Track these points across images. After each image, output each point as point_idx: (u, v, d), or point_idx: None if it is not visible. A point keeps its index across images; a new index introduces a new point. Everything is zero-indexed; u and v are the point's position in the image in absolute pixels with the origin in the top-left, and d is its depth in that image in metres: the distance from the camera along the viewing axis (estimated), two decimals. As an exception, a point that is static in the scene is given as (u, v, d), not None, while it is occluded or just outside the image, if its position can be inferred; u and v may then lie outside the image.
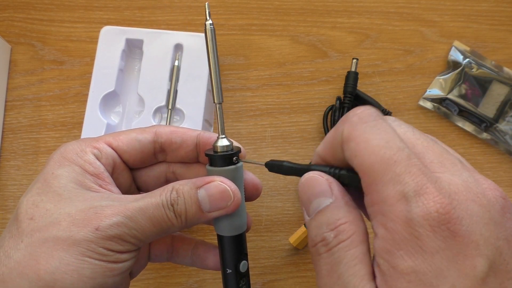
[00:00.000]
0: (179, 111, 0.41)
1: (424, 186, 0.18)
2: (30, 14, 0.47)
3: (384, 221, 0.19)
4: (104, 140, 0.28)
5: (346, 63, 0.46)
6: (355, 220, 0.21)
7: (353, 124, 0.20)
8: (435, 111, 0.46)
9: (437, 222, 0.18)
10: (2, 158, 0.44)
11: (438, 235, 0.18)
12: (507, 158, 0.45)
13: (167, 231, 0.25)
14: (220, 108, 0.27)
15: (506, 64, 0.46)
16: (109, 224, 0.23)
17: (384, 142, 0.19)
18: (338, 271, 0.20)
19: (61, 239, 0.23)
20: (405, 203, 0.18)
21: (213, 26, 0.26)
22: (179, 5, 0.47)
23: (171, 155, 0.29)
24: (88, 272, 0.23)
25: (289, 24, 0.47)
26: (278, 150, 0.45)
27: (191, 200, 0.25)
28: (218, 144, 0.26)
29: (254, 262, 0.42)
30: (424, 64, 0.47)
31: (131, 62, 0.43)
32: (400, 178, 0.18)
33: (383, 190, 0.19)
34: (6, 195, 0.44)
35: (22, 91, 0.46)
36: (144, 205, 0.24)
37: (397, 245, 0.18)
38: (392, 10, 0.48)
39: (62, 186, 0.25)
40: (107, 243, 0.23)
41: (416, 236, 0.18)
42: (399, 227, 0.18)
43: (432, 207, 0.18)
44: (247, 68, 0.46)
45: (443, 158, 0.20)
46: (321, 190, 0.22)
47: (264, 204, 0.43)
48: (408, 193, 0.18)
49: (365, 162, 0.19)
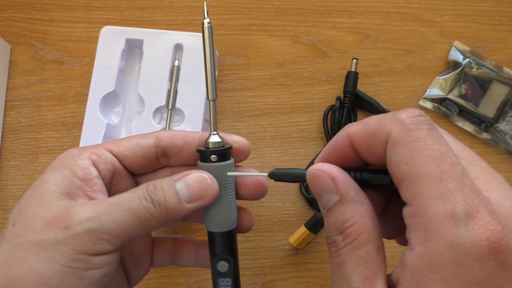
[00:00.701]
0: (179, 111, 0.41)
1: (475, 208, 0.17)
2: (30, 14, 0.47)
3: (425, 239, 0.18)
4: (105, 146, 0.27)
5: (346, 63, 0.46)
6: (362, 217, 0.20)
7: (405, 128, 0.19)
8: (435, 111, 0.46)
9: (486, 251, 0.17)
10: (2, 158, 0.44)
11: (483, 265, 0.17)
12: (507, 158, 0.45)
13: (146, 225, 0.24)
14: (213, 105, 0.27)
15: (506, 64, 0.46)
16: (78, 220, 0.22)
17: (439, 154, 0.18)
18: (344, 270, 0.20)
19: (33, 243, 0.22)
20: (453, 225, 0.17)
21: (210, 25, 0.26)
22: (179, 5, 0.47)
23: (174, 158, 0.28)
24: (54, 282, 0.21)
25: (289, 24, 0.47)
26: (278, 150, 0.45)
27: (170, 191, 0.24)
28: (210, 140, 0.26)
29: (254, 262, 0.42)
30: (424, 64, 0.47)
31: (131, 62, 0.43)
32: (452, 195, 0.17)
33: (431, 205, 0.18)
34: (6, 195, 0.44)
35: (22, 91, 0.46)
36: (119, 199, 0.24)
37: (433, 268, 0.17)
38: (392, 10, 0.48)
39: (45, 191, 0.24)
40: (78, 243, 0.22)
41: (458, 264, 0.17)
42: (442, 250, 0.17)
43: (483, 234, 0.17)
44: (247, 68, 0.46)
45: (488, 175, 0.19)
46: (326, 186, 0.21)
47: (264, 204, 0.43)
48: (458, 214, 0.17)
49: (416, 172, 0.18)
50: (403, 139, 0.19)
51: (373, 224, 0.20)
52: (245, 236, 0.43)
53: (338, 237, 0.20)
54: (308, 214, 0.43)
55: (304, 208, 0.43)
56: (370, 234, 0.20)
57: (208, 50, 0.26)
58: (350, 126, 0.22)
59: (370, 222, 0.20)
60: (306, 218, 0.43)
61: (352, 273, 0.20)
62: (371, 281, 0.19)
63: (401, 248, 0.45)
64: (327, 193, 0.21)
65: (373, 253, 0.20)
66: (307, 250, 0.43)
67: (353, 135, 0.21)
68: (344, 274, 0.20)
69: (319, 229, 0.41)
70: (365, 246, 0.20)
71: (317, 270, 0.42)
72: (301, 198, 0.43)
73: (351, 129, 0.22)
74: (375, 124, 0.20)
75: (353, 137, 0.21)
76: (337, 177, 0.21)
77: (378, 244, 0.20)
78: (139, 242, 0.30)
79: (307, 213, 0.43)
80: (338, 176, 0.21)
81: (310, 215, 0.43)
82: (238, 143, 0.28)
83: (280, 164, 0.44)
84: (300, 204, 0.43)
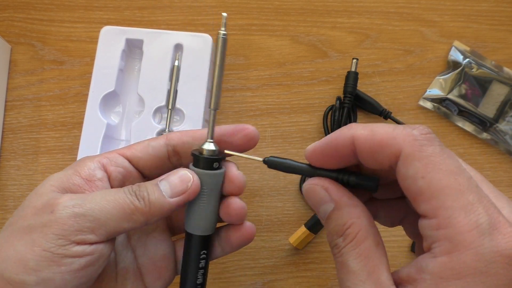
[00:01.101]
0: (179, 111, 0.41)
1: (497, 219, 0.18)
2: (30, 14, 0.47)
3: (449, 249, 0.18)
4: (118, 151, 0.28)
5: (346, 63, 0.46)
6: (358, 218, 0.22)
7: (419, 144, 0.20)
8: (435, 111, 0.46)
9: (510, 259, 0.18)
10: (2, 158, 0.44)
11: (508, 273, 0.18)
12: (507, 158, 0.45)
13: (130, 217, 0.24)
14: (214, 114, 0.27)
15: (506, 64, 0.46)
16: (64, 205, 0.23)
17: (454, 168, 0.19)
18: (348, 267, 0.21)
19: (22, 228, 0.23)
20: (477, 235, 0.18)
21: (226, 37, 0.26)
22: (179, 5, 0.47)
23: (185, 156, 0.29)
24: (32, 264, 0.22)
25: (289, 24, 0.47)
26: (278, 150, 0.45)
27: (153, 188, 0.25)
28: (204, 147, 0.27)
29: (254, 262, 0.42)
30: (424, 64, 0.47)
31: (131, 62, 0.43)
32: (474, 207, 0.18)
33: (454, 217, 0.18)
34: (6, 195, 0.44)
35: (22, 91, 0.46)
36: (105, 191, 0.25)
37: (457, 275, 0.18)
38: (392, 10, 0.48)
39: (43, 185, 0.25)
40: (62, 227, 0.23)
41: (483, 272, 0.18)
42: (467, 259, 0.18)
43: (507, 243, 0.18)
44: (247, 68, 0.46)
45: (496, 193, 0.21)
46: (321, 198, 0.23)
47: (264, 204, 0.43)
48: (482, 225, 0.18)
49: (435, 185, 0.19)
50: (418, 154, 0.20)
51: (368, 223, 0.22)
52: (245, 236, 0.43)
53: (339, 239, 0.22)
54: (308, 214, 0.43)
55: (304, 208, 0.43)
56: (367, 231, 0.22)
57: (219, 61, 0.26)
58: (355, 128, 0.22)
59: (365, 221, 0.22)
60: (306, 218, 0.43)
61: (356, 268, 0.21)
62: (375, 273, 0.20)
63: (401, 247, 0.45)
64: (323, 203, 0.23)
65: (372, 248, 0.21)
66: (307, 250, 0.43)
67: (358, 139, 0.22)
68: (349, 271, 0.21)
69: (319, 229, 0.41)
70: (364, 242, 0.21)
71: (317, 270, 0.42)
72: (301, 198, 0.43)
73: (357, 132, 0.22)
74: (384, 135, 0.21)
75: (357, 141, 0.22)
76: (330, 187, 0.23)
77: (376, 240, 0.22)
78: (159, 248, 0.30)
79: (307, 213, 0.43)
80: (330, 186, 0.23)
81: (310, 215, 0.43)
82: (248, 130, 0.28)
83: (280, 164, 0.44)
84: (300, 204, 0.43)
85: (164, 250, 0.30)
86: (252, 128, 0.28)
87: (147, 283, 0.29)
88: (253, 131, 0.28)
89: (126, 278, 0.28)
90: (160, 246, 0.30)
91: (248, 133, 0.28)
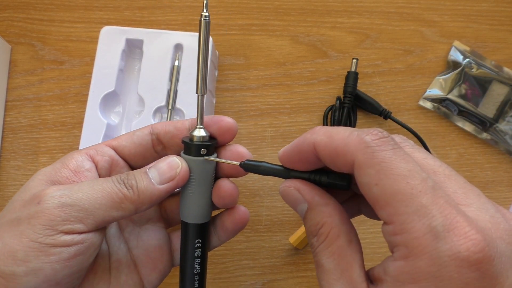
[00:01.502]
0: (179, 111, 0.41)
1: (453, 220, 0.17)
2: (30, 14, 0.47)
3: (406, 254, 0.18)
4: (105, 142, 0.29)
5: (346, 63, 0.46)
6: (329, 217, 0.22)
7: (371, 151, 0.19)
8: (435, 111, 0.46)
9: (466, 263, 0.17)
10: (2, 158, 0.44)
11: (463, 277, 0.17)
12: (507, 158, 0.45)
13: (119, 205, 0.24)
14: (202, 99, 0.27)
15: (506, 64, 0.46)
16: (51, 195, 0.23)
17: (406, 171, 0.19)
18: (323, 266, 0.22)
19: (10, 220, 0.23)
20: (432, 239, 0.17)
21: (208, 19, 0.26)
22: (179, 5, 0.47)
23: (169, 146, 0.29)
24: (21, 255, 0.22)
25: (289, 24, 0.47)
26: (278, 150, 0.44)
27: (141, 176, 0.25)
28: (194, 133, 0.27)
29: (254, 262, 0.42)
30: (424, 64, 0.47)
31: (131, 62, 0.43)
32: (427, 210, 0.18)
33: (408, 222, 0.18)
34: (6, 195, 0.44)
35: (22, 91, 0.46)
36: (93, 180, 0.25)
37: (413, 279, 0.18)
38: (392, 10, 0.48)
39: (32, 180, 0.25)
40: (49, 218, 0.22)
41: (437, 276, 0.17)
42: (421, 263, 0.18)
43: (463, 245, 0.17)
44: (247, 68, 0.46)
45: (466, 189, 0.20)
46: (295, 199, 0.24)
47: (264, 204, 0.43)
48: (436, 228, 0.17)
49: (388, 192, 0.19)
50: (369, 161, 0.19)
51: (340, 221, 0.22)
52: (245, 236, 0.43)
53: (313, 239, 0.23)
54: (308, 214, 0.43)
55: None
56: (339, 230, 0.22)
57: (202, 44, 0.26)
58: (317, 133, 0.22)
59: (337, 220, 0.22)
60: (306, 218, 0.43)
61: (329, 267, 0.21)
62: (347, 271, 0.21)
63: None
64: (298, 203, 0.24)
65: (345, 246, 0.21)
66: (307, 250, 0.43)
67: (318, 146, 0.22)
68: (323, 270, 0.22)
69: (319, 229, 0.41)
70: (336, 241, 0.22)
71: (317, 270, 0.42)
72: (301, 198, 0.43)
73: (317, 138, 0.22)
74: (339, 142, 0.21)
75: (317, 147, 0.22)
76: (302, 188, 0.23)
77: (349, 238, 0.22)
78: (152, 239, 0.30)
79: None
80: (303, 187, 0.24)
81: (310, 215, 0.43)
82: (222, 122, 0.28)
83: (280, 164, 0.44)
84: (300, 204, 0.43)
85: (158, 241, 0.30)
86: (228, 120, 0.27)
87: (142, 274, 0.29)
88: (228, 123, 0.27)
89: (120, 270, 0.28)
90: (154, 237, 0.30)
91: (223, 125, 0.27)
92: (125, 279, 0.28)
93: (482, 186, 0.45)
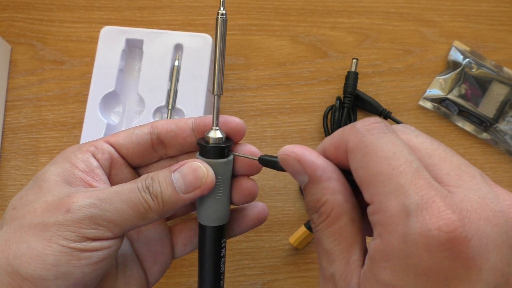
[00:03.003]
0: (179, 111, 0.41)
1: (430, 200, 0.17)
2: (30, 14, 0.47)
3: (381, 232, 0.18)
4: (103, 138, 0.28)
5: (346, 63, 0.46)
6: (332, 195, 0.21)
7: (359, 136, 0.20)
8: (435, 111, 0.46)
9: (436, 241, 0.16)
10: (2, 158, 0.44)
11: (433, 255, 0.17)
12: (507, 158, 0.45)
13: (145, 216, 0.24)
14: (218, 100, 0.26)
15: (506, 64, 0.46)
16: (80, 205, 0.23)
17: (391, 153, 0.19)
18: (323, 245, 0.21)
19: (34, 224, 0.23)
20: (404, 217, 0.17)
21: (225, 17, 0.25)
22: (179, 5, 0.47)
23: (170, 145, 0.29)
24: (51, 259, 0.22)
25: (289, 24, 0.47)
26: (278, 150, 0.44)
27: (165, 182, 0.25)
28: (211, 135, 0.26)
29: (254, 262, 0.42)
30: (424, 64, 0.47)
31: (131, 62, 0.43)
32: (404, 189, 0.18)
33: (385, 201, 0.18)
34: (6, 195, 0.44)
35: (22, 91, 0.46)
36: (120, 189, 0.24)
37: (386, 257, 0.18)
38: (392, 10, 0.48)
39: (45, 179, 0.25)
40: (78, 226, 0.23)
41: (407, 254, 0.17)
42: (393, 241, 0.18)
43: (434, 224, 0.17)
44: (247, 68, 0.46)
45: (461, 170, 0.19)
46: (295, 169, 0.22)
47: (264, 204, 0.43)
48: (409, 206, 0.17)
49: (372, 173, 0.19)
50: (358, 145, 0.20)
51: (344, 198, 0.21)
52: (245, 236, 0.43)
53: (314, 215, 0.22)
54: (308, 214, 0.43)
55: (304, 208, 0.43)
56: (341, 208, 0.21)
57: (219, 43, 0.25)
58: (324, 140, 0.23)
59: (340, 197, 0.21)
60: (306, 218, 0.43)
61: (329, 247, 0.21)
62: (347, 252, 0.20)
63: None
64: (298, 174, 0.22)
65: (347, 227, 0.21)
66: (307, 250, 0.43)
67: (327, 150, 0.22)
68: (323, 248, 0.21)
69: (319, 229, 0.41)
70: (338, 221, 0.21)
71: (317, 270, 0.42)
72: (301, 198, 0.43)
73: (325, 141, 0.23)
74: (337, 137, 0.22)
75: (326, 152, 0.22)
76: (303, 158, 0.22)
77: (352, 216, 0.21)
78: (153, 233, 0.30)
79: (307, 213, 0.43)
80: (304, 158, 0.22)
81: (310, 215, 0.43)
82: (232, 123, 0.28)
83: (280, 164, 0.44)
84: (300, 204, 0.43)
85: (159, 234, 0.30)
86: (238, 121, 0.27)
87: (145, 268, 0.29)
88: (238, 124, 0.27)
89: (125, 264, 0.29)
90: (155, 231, 0.30)
91: (234, 126, 0.27)
92: (130, 273, 0.28)
93: (482, 186, 0.45)
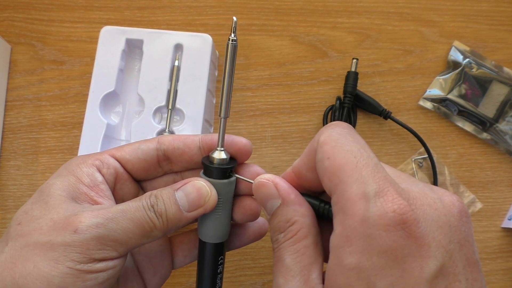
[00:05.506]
0: (179, 111, 0.41)
1: (385, 189, 0.19)
2: (30, 14, 0.47)
3: (343, 219, 0.20)
4: (109, 152, 0.28)
5: (346, 63, 0.46)
6: (302, 217, 0.23)
7: (329, 132, 0.22)
8: (435, 111, 0.46)
9: (393, 222, 0.19)
10: (2, 158, 0.44)
11: (391, 234, 0.19)
12: (507, 158, 0.45)
13: (149, 234, 0.25)
14: (224, 122, 0.27)
15: (506, 64, 0.46)
16: (87, 225, 0.23)
17: (356, 149, 0.21)
18: (284, 262, 0.22)
19: (40, 243, 0.23)
20: (364, 202, 0.19)
21: (235, 43, 0.25)
22: (179, 5, 0.47)
23: (176, 162, 0.29)
24: (58, 281, 0.22)
25: (289, 24, 0.47)
26: (278, 150, 0.45)
27: (170, 201, 0.25)
28: (215, 156, 0.27)
29: (254, 262, 0.42)
30: (424, 64, 0.47)
31: (131, 62, 0.43)
32: (365, 180, 0.20)
33: (348, 189, 0.20)
34: (6, 195, 0.44)
35: (22, 91, 0.46)
36: (125, 208, 0.24)
37: (349, 242, 0.19)
38: (392, 10, 0.48)
39: (51, 194, 0.25)
40: (86, 247, 0.23)
41: (368, 235, 0.19)
42: (355, 224, 0.19)
43: (390, 207, 0.19)
44: (247, 68, 0.46)
45: (399, 173, 0.22)
46: (270, 193, 0.24)
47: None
48: (369, 193, 0.19)
49: (336, 163, 0.21)
50: (328, 139, 0.22)
51: (311, 222, 0.23)
52: (245, 236, 0.43)
53: (280, 235, 0.23)
54: (308, 214, 0.43)
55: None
56: (308, 230, 0.23)
57: (228, 68, 0.25)
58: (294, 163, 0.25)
59: (309, 220, 0.23)
60: (306, 218, 0.43)
61: (290, 263, 0.22)
62: (307, 270, 0.22)
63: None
64: (271, 199, 0.24)
65: (310, 247, 0.22)
66: (307, 250, 0.43)
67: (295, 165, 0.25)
68: (283, 265, 0.22)
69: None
70: (303, 240, 0.22)
71: (317, 270, 0.42)
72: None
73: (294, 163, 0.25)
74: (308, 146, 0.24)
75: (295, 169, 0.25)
76: (279, 183, 0.24)
77: (316, 240, 0.23)
78: (154, 245, 0.30)
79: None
80: (280, 183, 0.24)
81: (310, 215, 0.43)
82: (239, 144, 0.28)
83: (280, 164, 0.44)
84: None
85: (159, 246, 0.30)
86: (244, 142, 0.28)
87: (145, 279, 0.30)
88: (245, 145, 0.28)
89: (126, 277, 0.29)
90: (156, 244, 0.30)
91: (241, 147, 0.28)
92: (130, 285, 0.29)
93: (482, 186, 0.45)
